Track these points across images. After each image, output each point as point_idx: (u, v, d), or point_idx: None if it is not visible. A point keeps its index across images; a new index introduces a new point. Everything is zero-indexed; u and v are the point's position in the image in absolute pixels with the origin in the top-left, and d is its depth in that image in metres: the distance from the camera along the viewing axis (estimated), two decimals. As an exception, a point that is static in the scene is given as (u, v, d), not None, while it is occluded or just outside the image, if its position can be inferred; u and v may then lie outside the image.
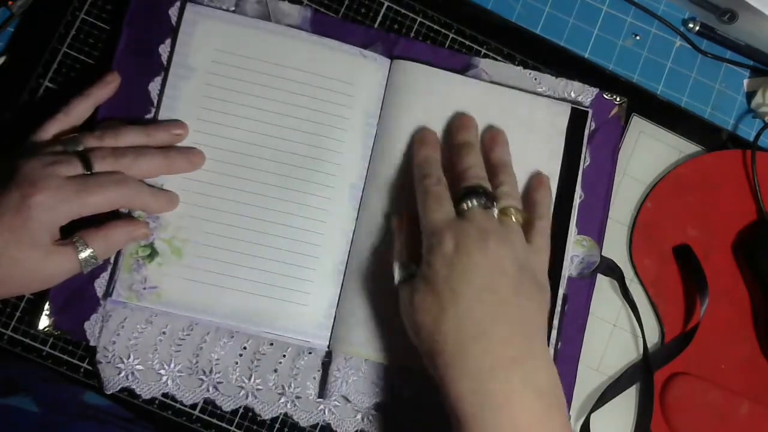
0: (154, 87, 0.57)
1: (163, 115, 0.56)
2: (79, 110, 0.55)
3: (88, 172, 0.51)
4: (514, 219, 0.52)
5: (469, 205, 0.51)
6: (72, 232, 0.51)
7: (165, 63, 0.57)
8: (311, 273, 0.56)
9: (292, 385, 0.56)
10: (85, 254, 0.51)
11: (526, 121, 0.59)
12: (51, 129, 0.54)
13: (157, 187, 0.55)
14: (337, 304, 0.56)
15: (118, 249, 0.54)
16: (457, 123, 0.58)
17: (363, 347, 0.55)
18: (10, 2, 0.59)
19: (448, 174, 0.54)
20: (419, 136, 0.57)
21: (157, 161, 0.54)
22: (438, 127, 0.58)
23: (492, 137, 0.58)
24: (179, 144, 0.56)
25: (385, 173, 0.58)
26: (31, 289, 0.53)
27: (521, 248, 0.51)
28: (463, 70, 0.61)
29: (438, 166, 0.55)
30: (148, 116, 0.57)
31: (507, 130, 0.59)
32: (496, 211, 0.52)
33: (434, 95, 0.58)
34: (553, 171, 0.59)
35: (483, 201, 0.51)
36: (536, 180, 0.58)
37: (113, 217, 0.54)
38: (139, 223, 0.54)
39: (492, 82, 0.61)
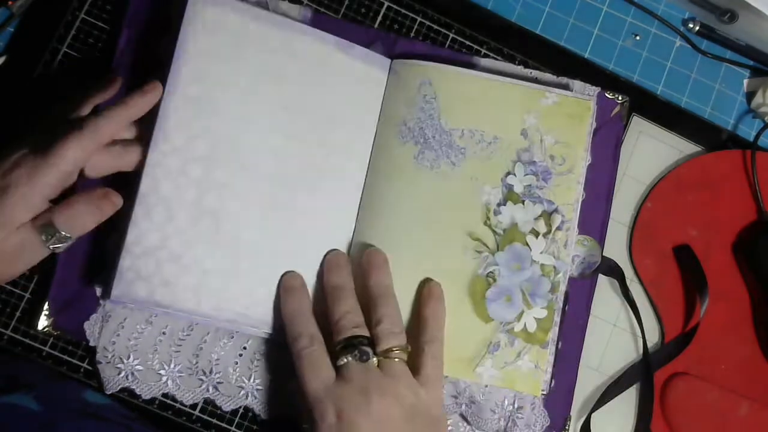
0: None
1: (163, 115, 0.55)
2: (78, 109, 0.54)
3: None
4: (397, 360, 0.51)
5: (345, 361, 0.50)
6: None
7: (166, 59, 0.57)
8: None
9: (293, 385, 0.56)
10: (49, 232, 0.49)
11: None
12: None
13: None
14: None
15: (87, 225, 0.51)
16: (328, 264, 0.55)
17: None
18: (10, 2, 0.59)
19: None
20: (283, 284, 0.54)
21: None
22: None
23: (369, 261, 0.55)
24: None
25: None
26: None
27: (409, 392, 0.50)
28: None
29: (307, 319, 0.52)
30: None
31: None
32: (375, 361, 0.50)
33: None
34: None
35: (358, 355, 0.50)
36: (426, 291, 0.55)
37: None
38: (107, 194, 0.52)
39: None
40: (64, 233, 0.50)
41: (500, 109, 0.58)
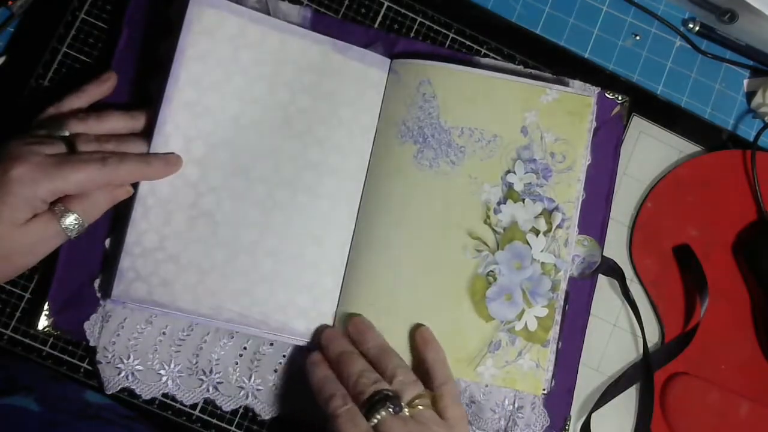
0: (154, 86, 0.57)
1: (163, 114, 0.55)
2: (72, 106, 0.55)
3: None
4: (422, 407, 0.50)
5: (380, 417, 0.49)
6: None
7: (165, 62, 0.57)
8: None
9: (293, 385, 0.56)
10: (67, 220, 0.51)
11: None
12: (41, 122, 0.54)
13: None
14: (337, 305, 0.56)
15: (102, 211, 0.53)
16: (324, 340, 0.55)
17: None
18: (10, 2, 0.59)
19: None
20: (308, 360, 0.54)
21: (140, 151, 0.54)
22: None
23: (357, 328, 0.55)
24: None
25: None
26: (13, 262, 0.51)
27: None
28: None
29: (336, 382, 0.52)
30: (148, 116, 0.57)
31: None
32: (406, 411, 0.50)
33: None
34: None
35: (390, 408, 0.49)
36: (420, 339, 0.55)
37: None
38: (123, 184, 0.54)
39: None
40: (82, 220, 0.51)
41: (500, 107, 0.58)
